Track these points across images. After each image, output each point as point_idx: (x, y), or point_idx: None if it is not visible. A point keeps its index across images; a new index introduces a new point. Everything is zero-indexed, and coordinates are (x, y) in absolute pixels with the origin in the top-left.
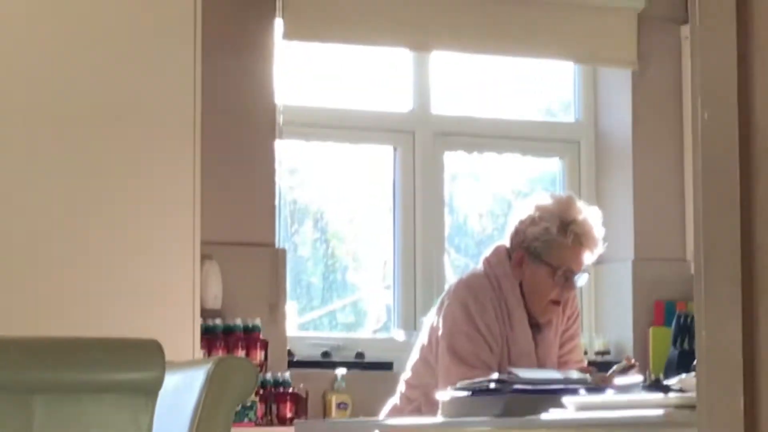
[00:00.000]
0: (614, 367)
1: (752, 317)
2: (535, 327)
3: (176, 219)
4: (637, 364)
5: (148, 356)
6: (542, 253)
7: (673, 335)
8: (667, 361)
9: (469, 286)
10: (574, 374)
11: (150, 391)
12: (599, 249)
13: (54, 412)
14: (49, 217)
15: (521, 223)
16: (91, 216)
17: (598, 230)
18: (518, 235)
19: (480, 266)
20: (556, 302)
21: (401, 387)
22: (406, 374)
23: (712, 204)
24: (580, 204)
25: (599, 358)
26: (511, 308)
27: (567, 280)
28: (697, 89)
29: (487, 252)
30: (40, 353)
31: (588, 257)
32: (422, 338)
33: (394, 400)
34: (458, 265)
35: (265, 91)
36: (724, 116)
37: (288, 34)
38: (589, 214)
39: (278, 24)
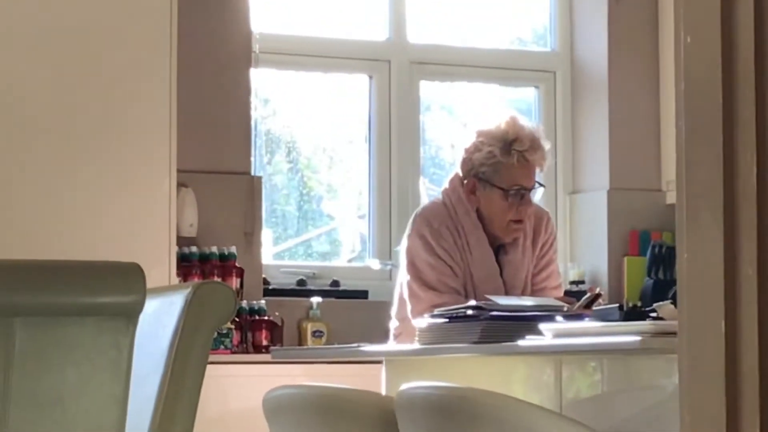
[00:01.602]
0: (581, 300)
1: (733, 241)
2: (501, 249)
3: (152, 148)
4: (602, 293)
5: (129, 279)
6: (491, 178)
7: (647, 265)
8: (641, 290)
9: (424, 216)
10: (551, 301)
11: (131, 314)
12: (547, 162)
13: (34, 334)
14: (32, 146)
15: (467, 151)
16: (69, 146)
17: (542, 143)
18: (466, 163)
19: (439, 196)
20: (517, 221)
21: (392, 323)
22: (393, 309)
23: (694, 128)
24: (522, 122)
25: (574, 287)
26: (469, 232)
27: (522, 197)
28: (680, 13)
29: (446, 182)
30: (20, 276)
31: (537, 172)
32: (399, 273)
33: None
34: (434, 194)
35: (241, 18)
36: (707, 39)
37: None
38: (532, 130)
39: None
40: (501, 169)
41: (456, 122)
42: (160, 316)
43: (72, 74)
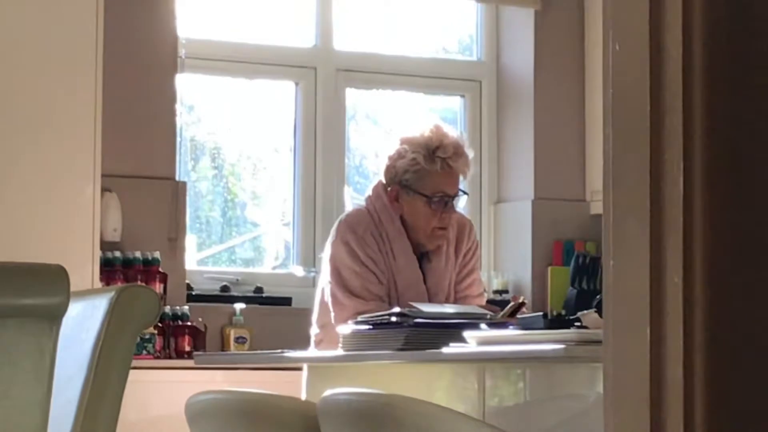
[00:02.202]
0: (505, 309)
1: (660, 249)
2: (425, 257)
3: (77, 151)
4: (526, 302)
5: (53, 281)
6: (414, 185)
7: (571, 275)
8: (565, 300)
9: (348, 223)
10: (476, 309)
11: (54, 316)
12: (470, 169)
13: None
14: None
15: (390, 158)
16: None
17: (465, 151)
18: (389, 170)
19: (363, 203)
20: (441, 228)
21: (312, 329)
22: (314, 315)
23: (622, 134)
24: (445, 129)
25: (498, 297)
26: (393, 239)
27: (445, 204)
28: (608, 20)
29: (369, 189)
30: None
31: (461, 179)
32: (320, 279)
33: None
34: (358, 203)
35: (167, 23)
36: (635, 47)
37: None
38: (455, 137)
39: None
40: (424, 176)
41: (380, 131)
42: (83, 320)
43: None
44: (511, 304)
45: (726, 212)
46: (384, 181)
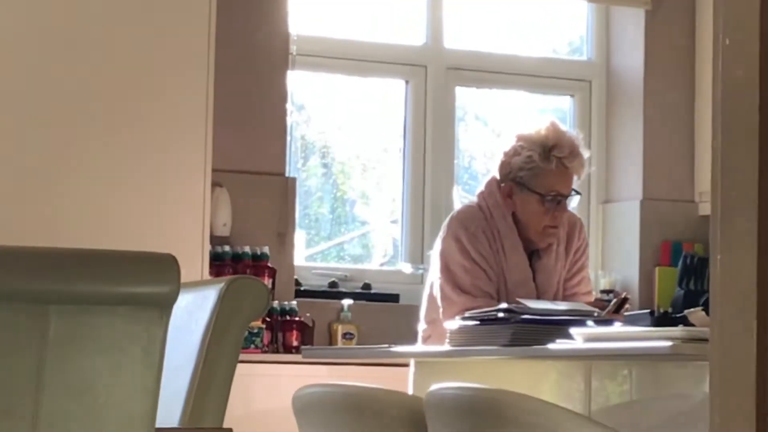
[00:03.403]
0: (609, 306)
1: (767, 246)
2: (534, 254)
3: (188, 147)
4: (630, 297)
5: (163, 269)
6: (529, 182)
7: (679, 275)
8: (672, 300)
9: (460, 219)
10: (583, 306)
11: (164, 304)
12: (585, 170)
13: (69, 322)
14: (69, 141)
15: (505, 154)
16: (107, 144)
17: (581, 151)
18: (504, 167)
19: (474, 199)
20: (552, 227)
21: (420, 325)
22: (421, 311)
23: (730, 130)
24: (562, 128)
25: (605, 296)
26: (504, 236)
27: (558, 204)
28: (719, 15)
29: (481, 185)
30: (56, 264)
31: (575, 179)
32: (429, 275)
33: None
34: (466, 201)
35: (279, 20)
36: (746, 41)
37: None
38: (571, 137)
39: None
40: (539, 174)
41: (490, 133)
42: (193, 310)
43: (111, 73)
44: (615, 300)
45: None
46: (498, 177)
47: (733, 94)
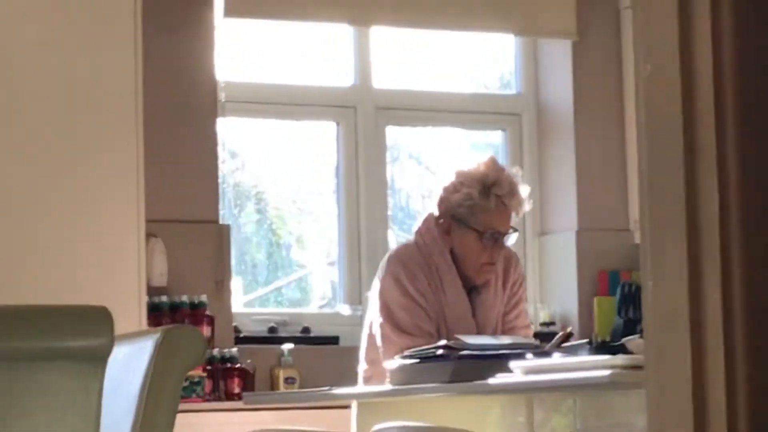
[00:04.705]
0: (553, 340)
1: (697, 268)
2: (474, 290)
3: (120, 198)
4: (573, 332)
5: (97, 322)
6: (467, 219)
7: (617, 304)
8: (612, 329)
9: (398, 257)
10: (522, 339)
11: (99, 357)
12: (524, 207)
13: (3, 378)
14: None
15: (445, 190)
16: (38, 194)
17: (520, 189)
18: (443, 203)
19: (411, 237)
20: (490, 263)
21: (360, 366)
22: (361, 352)
23: (656, 157)
24: (501, 166)
25: (544, 329)
26: (442, 273)
27: (496, 241)
28: (639, 43)
29: (418, 222)
30: None
31: (513, 217)
32: (368, 315)
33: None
34: (403, 240)
35: (207, 68)
36: (667, 68)
37: (228, 11)
38: (511, 175)
39: (218, 0)
40: (477, 211)
41: (425, 171)
42: (130, 361)
43: (39, 123)
44: (560, 334)
45: (763, 229)
46: (436, 214)
47: (656, 119)
